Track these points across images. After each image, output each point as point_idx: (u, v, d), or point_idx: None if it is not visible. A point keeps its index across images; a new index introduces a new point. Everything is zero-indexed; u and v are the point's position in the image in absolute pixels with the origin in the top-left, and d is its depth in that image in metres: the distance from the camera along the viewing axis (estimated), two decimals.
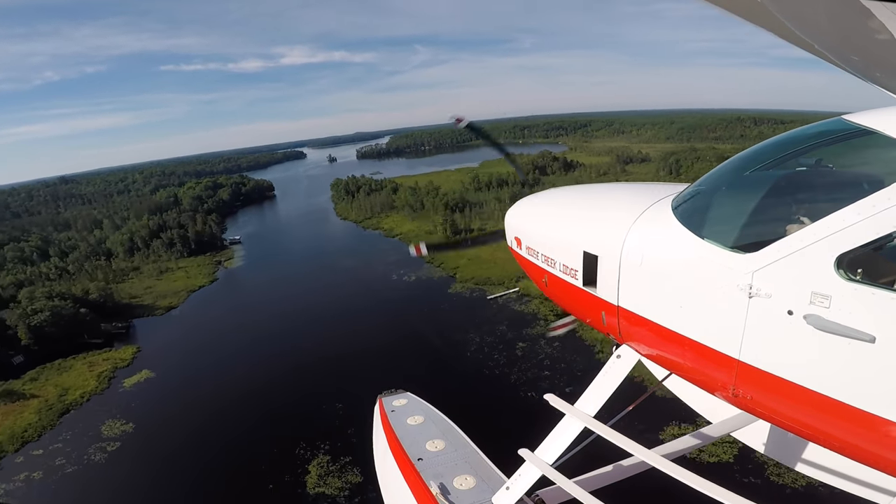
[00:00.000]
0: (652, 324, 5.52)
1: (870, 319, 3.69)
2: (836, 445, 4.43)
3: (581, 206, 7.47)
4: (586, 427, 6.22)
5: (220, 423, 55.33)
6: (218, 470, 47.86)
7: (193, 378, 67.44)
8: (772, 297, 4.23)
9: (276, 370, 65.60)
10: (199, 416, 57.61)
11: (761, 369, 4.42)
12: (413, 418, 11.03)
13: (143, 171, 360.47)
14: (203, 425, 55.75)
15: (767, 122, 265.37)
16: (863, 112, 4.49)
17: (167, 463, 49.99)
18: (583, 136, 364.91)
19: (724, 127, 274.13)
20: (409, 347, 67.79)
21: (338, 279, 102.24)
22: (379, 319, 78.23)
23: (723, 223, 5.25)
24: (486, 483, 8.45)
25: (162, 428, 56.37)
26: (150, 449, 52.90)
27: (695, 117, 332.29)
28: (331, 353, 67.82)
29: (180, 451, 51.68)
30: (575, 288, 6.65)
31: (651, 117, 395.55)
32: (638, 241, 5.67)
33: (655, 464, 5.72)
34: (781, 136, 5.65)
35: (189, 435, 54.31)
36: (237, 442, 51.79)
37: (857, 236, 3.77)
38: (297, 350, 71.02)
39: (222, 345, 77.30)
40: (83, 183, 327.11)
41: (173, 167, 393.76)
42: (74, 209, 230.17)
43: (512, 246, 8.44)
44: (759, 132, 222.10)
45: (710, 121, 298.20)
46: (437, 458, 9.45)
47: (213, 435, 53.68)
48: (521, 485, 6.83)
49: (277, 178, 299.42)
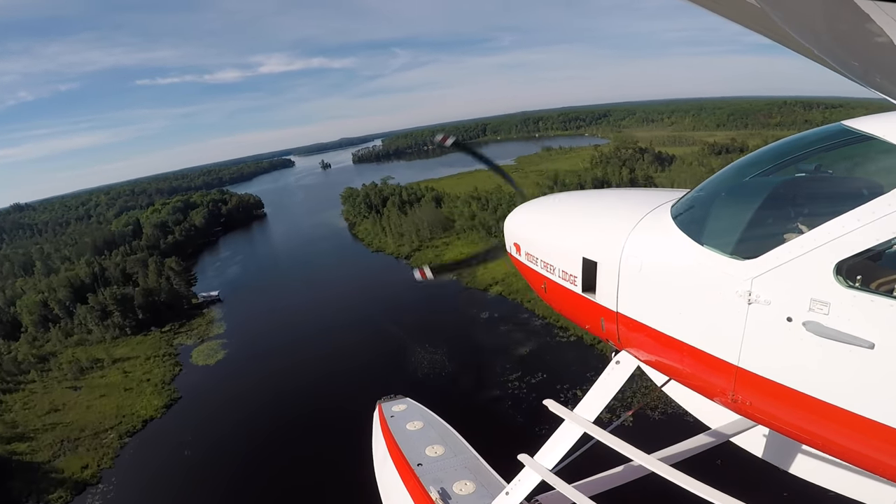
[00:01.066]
0: (651, 330, 5.52)
1: (869, 326, 3.69)
2: (835, 451, 4.44)
3: (580, 212, 7.49)
4: (586, 432, 6.22)
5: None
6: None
7: None
8: (771, 304, 4.24)
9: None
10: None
11: (761, 375, 4.43)
12: (412, 424, 11.01)
13: (110, 191, 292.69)
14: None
15: (818, 106, 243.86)
16: (863, 118, 4.51)
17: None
18: (610, 125, 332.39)
19: (784, 113, 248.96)
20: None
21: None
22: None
23: (722, 229, 5.25)
24: (485, 488, 8.43)
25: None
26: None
27: (741, 104, 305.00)
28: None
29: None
30: (574, 294, 6.65)
31: (660, 107, 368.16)
32: (637, 248, 5.68)
33: (655, 469, 5.72)
34: (781, 141, 5.67)
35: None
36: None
37: (856, 243, 3.77)
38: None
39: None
40: (39, 210, 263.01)
41: (146, 184, 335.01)
42: (17, 243, 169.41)
43: (511, 252, 8.45)
44: (825, 117, 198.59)
45: (760, 106, 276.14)
46: (437, 464, 9.43)
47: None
48: (521, 490, 6.81)
49: (266, 191, 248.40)
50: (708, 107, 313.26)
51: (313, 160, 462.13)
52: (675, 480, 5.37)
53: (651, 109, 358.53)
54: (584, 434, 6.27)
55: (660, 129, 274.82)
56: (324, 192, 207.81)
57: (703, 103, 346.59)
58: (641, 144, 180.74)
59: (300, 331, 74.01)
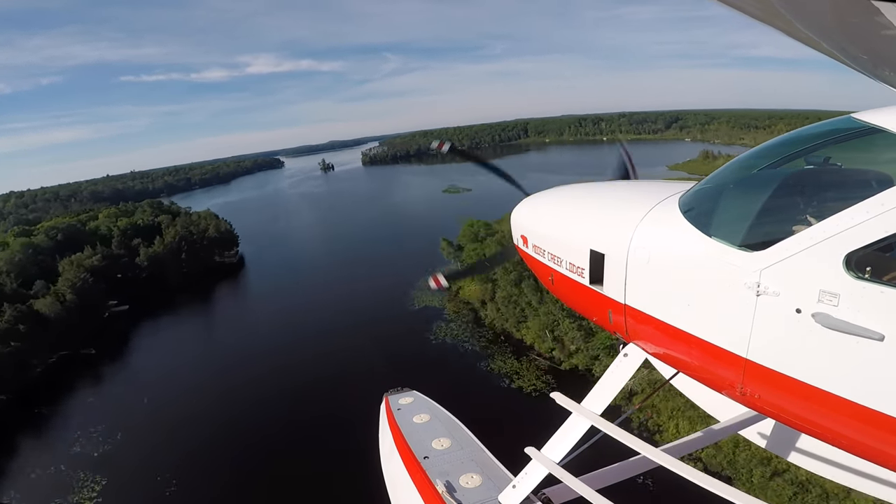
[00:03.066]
0: (659, 322, 5.51)
1: (878, 318, 3.67)
2: (843, 443, 4.42)
3: (588, 204, 7.47)
4: (593, 425, 6.23)
5: None
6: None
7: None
8: (780, 296, 4.22)
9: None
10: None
11: (769, 368, 4.41)
12: (419, 416, 11.07)
13: (11, 199, 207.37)
14: None
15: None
16: (872, 110, 4.47)
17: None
18: (695, 131, 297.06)
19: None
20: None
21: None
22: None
23: (730, 221, 5.23)
24: (492, 481, 8.47)
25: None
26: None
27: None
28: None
29: None
30: (581, 286, 6.65)
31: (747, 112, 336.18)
32: (645, 240, 5.66)
33: (662, 462, 5.73)
34: (789, 134, 5.63)
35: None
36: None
37: (865, 234, 3.75)
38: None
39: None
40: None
41: (87, 186, 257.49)
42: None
43: (518, 244, 8.44)
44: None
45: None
46: (444, 457, 9.48)
47: None
48: (528, 483, 6.85)
49: (245, 203, 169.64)
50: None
51: (307, 161, 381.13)
52: (682, 473, 5.38)
53: (733, 116, 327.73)
54: (592, 427, 6.28)
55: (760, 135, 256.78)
56: (344, 206, 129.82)
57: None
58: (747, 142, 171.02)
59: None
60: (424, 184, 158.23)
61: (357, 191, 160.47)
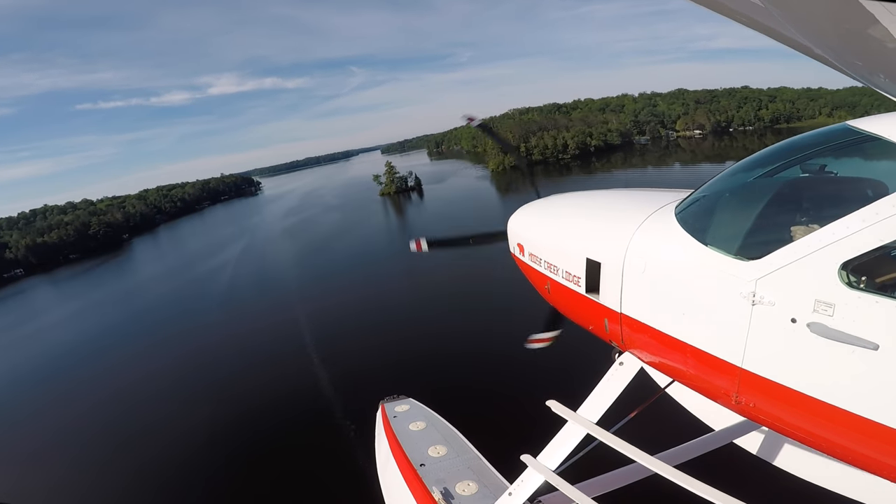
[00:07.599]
0: (654, 331, 5.51)
1: (874, 327, 3.68)
2: (838, 453, 4.42)
3: (584, 212, 7.48)
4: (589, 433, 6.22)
5: None
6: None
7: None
8: (775, 305, 4.23)
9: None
10: None
11: (764, 377, 4.42)
12: (415, 424, 11.02)
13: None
14: None
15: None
16: (869, 118, 4.49)
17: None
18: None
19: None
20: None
21: None
22: None
23: (726, 230, 5.25)
24: (488, 489, 8.44)
25: None
26: None
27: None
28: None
29: None
30: (577, 295, 6.65)
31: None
32: (641, 248, 5.67)
33: (658, 470, 5.71)
34: (785, 141, 5.65)
35: None
36: None
37: (861, 244, 3.76)
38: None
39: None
40: None
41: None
42: None
43: (514, 252, 8.45)
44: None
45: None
46: (440, 464, 9.43)
47: None
48: (524, 491, 6.82)
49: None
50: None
51: (294, 178, 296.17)
52: (678, 482, 5.36)
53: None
54: (588, 435, 6.27)
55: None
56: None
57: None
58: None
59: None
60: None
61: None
